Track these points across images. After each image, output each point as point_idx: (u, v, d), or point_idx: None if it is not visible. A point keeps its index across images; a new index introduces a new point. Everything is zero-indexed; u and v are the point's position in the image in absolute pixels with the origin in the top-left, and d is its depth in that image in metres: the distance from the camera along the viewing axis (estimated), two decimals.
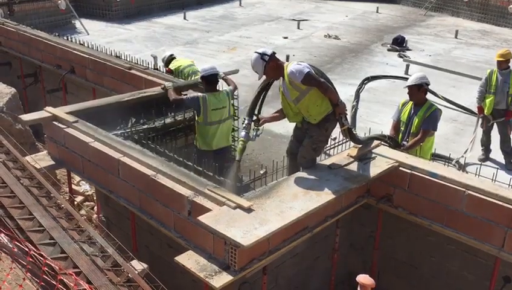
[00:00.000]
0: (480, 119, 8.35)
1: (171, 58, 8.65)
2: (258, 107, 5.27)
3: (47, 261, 3.16)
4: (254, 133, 5.19)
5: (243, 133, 5.17)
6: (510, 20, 18.06)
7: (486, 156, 8.40)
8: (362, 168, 5.11)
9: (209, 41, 15.48)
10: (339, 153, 5.64)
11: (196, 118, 6.37)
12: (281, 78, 5.02)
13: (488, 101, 8.15)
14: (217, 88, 6.47)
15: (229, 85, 6.82)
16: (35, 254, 3.19)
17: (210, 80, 6.33)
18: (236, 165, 5.22)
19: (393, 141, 5.75)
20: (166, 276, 4.38)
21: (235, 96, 7.66)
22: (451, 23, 18.37)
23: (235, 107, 7.80)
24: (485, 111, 8.22)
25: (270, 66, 4.95)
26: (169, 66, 8.42)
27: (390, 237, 5.56)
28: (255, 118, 5.23)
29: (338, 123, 5.04)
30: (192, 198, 4.52)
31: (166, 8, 19.42)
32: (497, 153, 8.33)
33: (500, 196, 4.56)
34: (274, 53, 5.01)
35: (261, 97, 5.28)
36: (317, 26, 17.64)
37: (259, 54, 4.95)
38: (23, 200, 4.74)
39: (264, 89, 5.28)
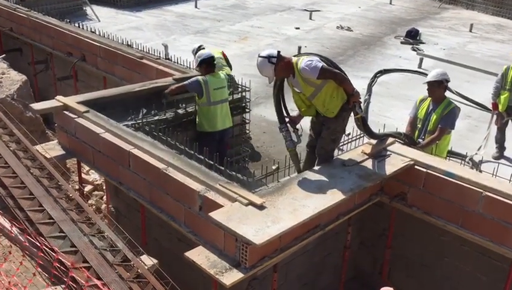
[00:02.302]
0: (495, 116, 8.21)
1: (199, 49, 8.32)
2: (284, 110, 5.17)
3: (58, 257, 3.11)
4: (296, 136, 5.14)
5: (288, 143, 5.10)
6: None
7: (500, 154, 8.26)
8: (377, 166, 5.02)
9: (220, 31, 15.32)
10: (353, 149, 5.55)
11: (198, 101, 6.62)
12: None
13: (503, 97, 8.00)
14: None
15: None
16: (47, 249, 3.14)
17: (209, 63, 6.76)
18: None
19: (408, 139, 5.65)
20: (176, 270, 4.33)
21: (246, 88, 7.62)
22: (466, 17, 18.05)
23: (247, 100, 7.75)
24: (500, 108, 8.07)
25: (280, 66, 4.76)
26: None
27: (403, 236, 5.47)
28: (287, 120, 5.16)
29: (352, 112, 4.98)
30: (203, 193, 4.47)
31: None
32: (511, 151, 8.19)
33: None
34: (279, 52, 4.83)
35: (281, 99, 5.17)
36: (330, 17, 17.39)
37: (265, 57, 4.73)
38: (33, 191, 4.72)
39: (279, 91, 5.15)
